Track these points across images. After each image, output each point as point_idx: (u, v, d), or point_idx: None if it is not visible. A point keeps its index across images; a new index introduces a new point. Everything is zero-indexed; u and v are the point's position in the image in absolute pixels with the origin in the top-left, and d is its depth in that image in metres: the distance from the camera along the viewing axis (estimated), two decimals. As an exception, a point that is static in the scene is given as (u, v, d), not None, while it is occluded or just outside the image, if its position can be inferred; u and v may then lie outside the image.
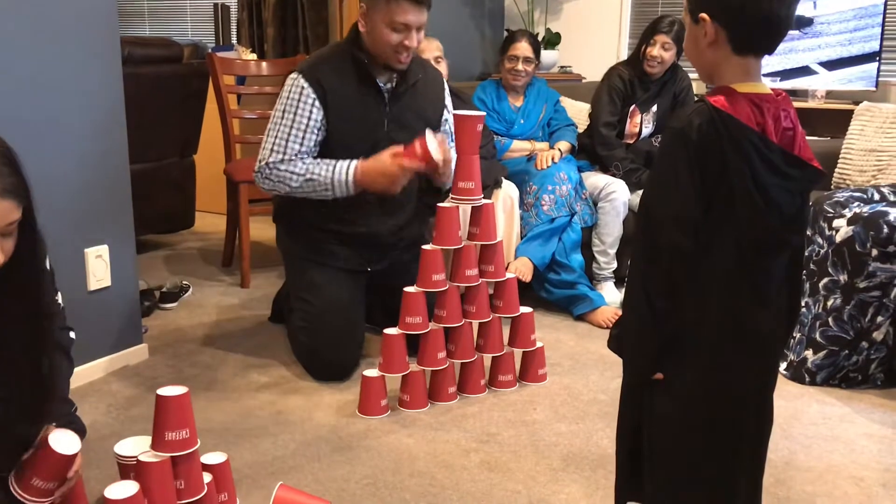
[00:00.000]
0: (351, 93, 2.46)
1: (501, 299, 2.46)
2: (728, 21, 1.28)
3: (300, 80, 2.44)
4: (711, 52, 1.31)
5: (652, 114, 3.45)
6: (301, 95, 2.43)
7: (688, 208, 1.25)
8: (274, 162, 2.44)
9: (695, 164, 1.25)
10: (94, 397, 2.35)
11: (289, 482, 1.84)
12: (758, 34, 1.30)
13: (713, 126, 1.25)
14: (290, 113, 2.44)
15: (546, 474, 1.98)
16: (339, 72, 2.46)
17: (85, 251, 2.41)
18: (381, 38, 2.39)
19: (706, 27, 1.29)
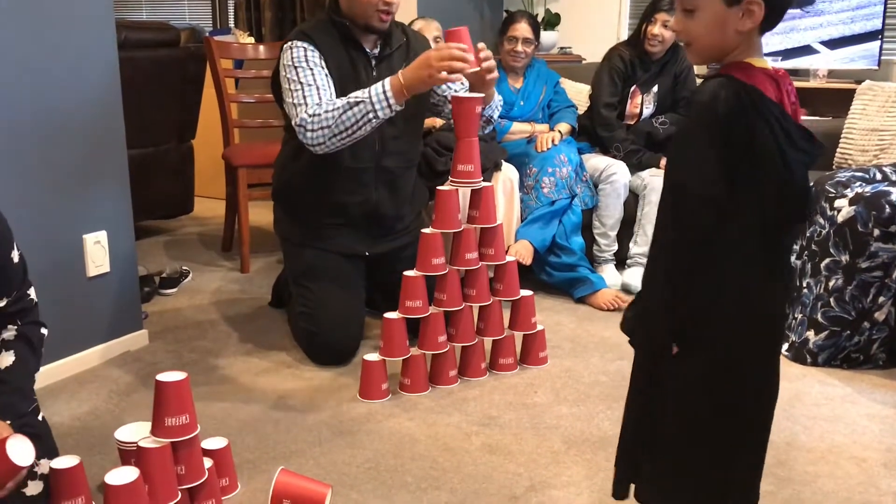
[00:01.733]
0: (339, 56, 2.46)
1: (502, 282, 2.46)
2: (774, 2, 1.28)
3: (298, 42, 2.42)
4: (741, 35, 1.29)
5: (653, 94, 3.43)
6: (306, 52, 2.41)
7: (715, 186, 1.23)
8: (313, 111, 2.32)
9: (720, 139, 1.23)
10: (94, 383, 2.35)
11: (290, 467, 1.84)
12: (783, 12, 1.31)
13: (739, 99, 1.23)
14: (303, 69, 2.39)
15: (547, 457, 1.98)
16: (325, 37, 2.45)
17: (84, 237, 2.40)
18: (361, 2, 2.39)
19: (755, 9, 1.27)
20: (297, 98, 2.36)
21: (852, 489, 1.86)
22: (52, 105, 2.26)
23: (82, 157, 2.37)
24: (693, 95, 1.31)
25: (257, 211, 3.91)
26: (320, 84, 2.38)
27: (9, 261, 1.57)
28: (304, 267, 2.56)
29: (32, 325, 1.65)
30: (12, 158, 2.18)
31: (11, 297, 1.59)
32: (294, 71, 2.39)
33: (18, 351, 1.59)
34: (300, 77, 2.38)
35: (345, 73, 2.46)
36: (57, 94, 2.28)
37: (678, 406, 1.38)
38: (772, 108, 1.26)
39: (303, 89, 2.37)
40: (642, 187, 3.25)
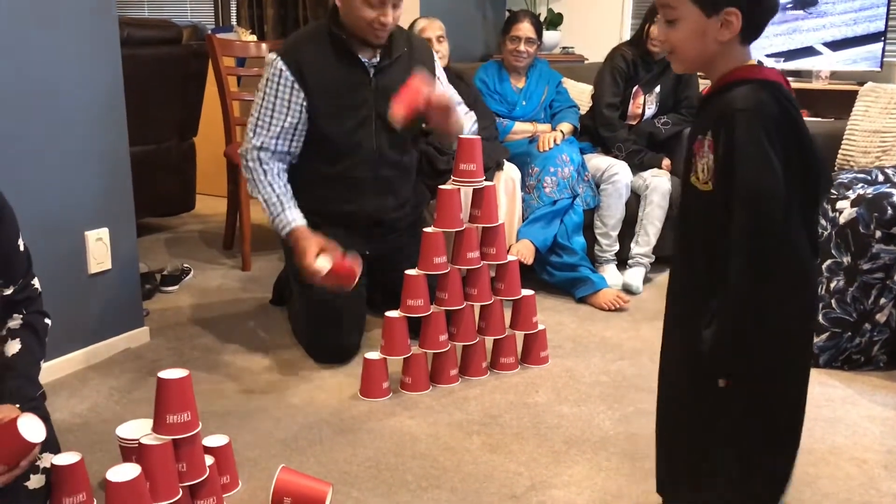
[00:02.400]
0: (332, 71, 2.45)
1: (503, 282, 2.46)
2: (753, 13, 1.30)
3: (279, 62, 2.43)
4: (722, 45, 1.32)
5: (655, 95, 3.43)
6: (280, 77, 2.43)
7: (783, 186, 1.25)
8: (256, 147, 2.45)
9: (778, 139, 1.25)
10: (95, 380, 2.35)
11: (291, 464, 1.84)
12: (766, 23, 1.34)
13: (776, 98, 1.27)
14: (270, 96, 2.44)
15: (548, 456, 1.98)
16: (318, 51, 2.45)
17: (85, 234, 2.40)
18: (356, 15, 2.38)
19: (732, 20, 1.29)
20: (251, 121, 2.48)
21: (852, 490, 1.86)
22: (54, 101, 2.27)
23: (84, 153, 2.37)
24: (730, 104, 1.28)
25: (259, 209, 3.90)
26: (274, 127, 2.45)
27: (15, 248, 1.60)
28: None
29: (37, 315, 1.67)
30: (15, 155, 2.18)
31: (18, 284, 1.62)
32: (262, 93, 2.46)
33: (25, 339, 1.61)
34: (265, 101, 2.46)
35: (339, 88, 2.47)
36: (60, 91, 2.28)
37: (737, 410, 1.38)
38: (789, 94, 1.30)
39: (258, 118, 2.46)
40: (644, 187, 3.25)
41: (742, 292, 1.29)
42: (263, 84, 2.46)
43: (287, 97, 2.43)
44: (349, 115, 2.48)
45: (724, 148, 1.29)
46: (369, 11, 2.36)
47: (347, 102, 2.47)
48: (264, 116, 2.44)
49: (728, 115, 1.28)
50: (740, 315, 1.30)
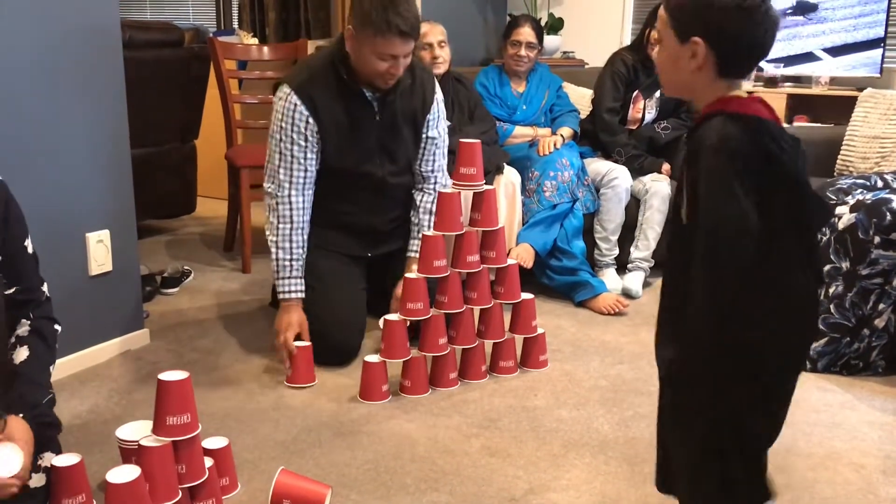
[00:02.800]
0: (339, 105, 2.47)
1: (503, 285, 2.46)
2: (721, 47, 1.28)
3: (293, 97, 2.43)
4: (695, 75, 1.31)
5: (655, 99, 3.44)
6: (295, 113, 2.43)
7: (746, 219, 1.22)
8: (286, 181, 2.46)
9: (742, 172, 1.22)
10: (95, 382, 2.35)
11: (290, 467, 1.84)
12: (746, 60, 1.31)
13: (747, 130, 1.24)
14: (287, 131, 2.44)
15: (547, 460, 1.98)
16: (326, 85, 2.46)
17: (86, 236, 2.40)
18: (367, 65, 2.40)
19: (697, 50, 1.28)
20: (273, 162, 2.48)
21: (851, 495, 1.86)
22: (56, 103, 2.27)
23: (86, 155, 2.38)
24: (698, 141, 1.29)
25: (259, 211, 3.90)
26: (297, 164, 2.46)
27: (22, 249, 1.61)
28: (307, 265, 2.57)
29: (45, 321, 1.68)
30: (16, 156, 2.19)
31: (21, 285, 1.62)
32: (279, 129, 2.46)
33: (32, 345, 1.62)
34: (281, 145, 2.46)
35: (347, 123, 2.49)
36: (62, 93, 2.28)
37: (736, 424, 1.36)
38: (772, 128, 1.26)
39: (279, 159, 2.47)
40: (644, 192, 3.26)
41: (695, 324, 1.29)
42: (279, 119, 2.45)
43: (303, 130, 2.44)
44: (356, 148, 2.52)
45: (691, 181, 1.29)
46: (381, 64, 2.38)
47: (354, 136, 2.50)
48: (283, 148, 2.45)
49: (697, 149, 1.27)
50: (692, 345, 1.31)
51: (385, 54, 2.36)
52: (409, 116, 2.59)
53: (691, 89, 1.34)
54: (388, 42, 2.33)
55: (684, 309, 1.31)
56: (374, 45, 2.34)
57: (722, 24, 1.27)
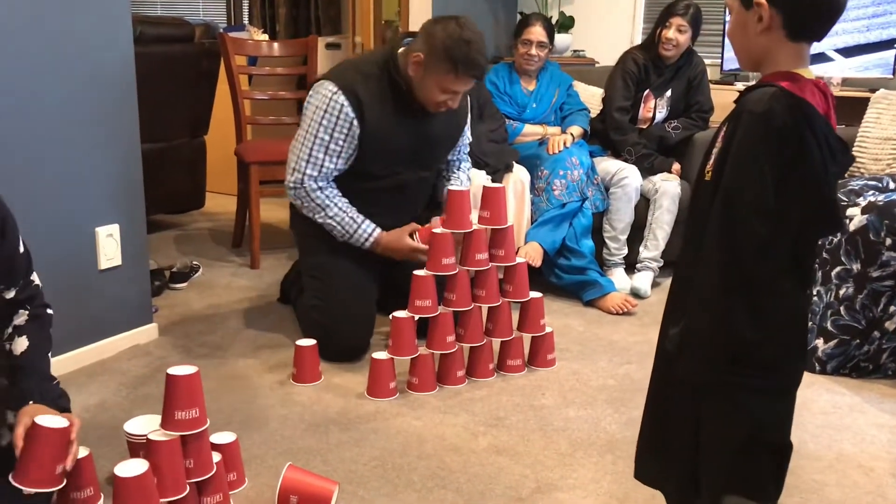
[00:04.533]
0: (385, 112, 2.46)
1: (511, 284, 2.46)
2: (785, 6, 1.26)
3: (340, 96, 2.41)
4: (765, 39, 1.29)
5: (666, 99, 3.43)
6: (340, 113, 2.41)
7: (769, 199, 1.21)
8: (312, 176, 2.45)
9: (774, 152, 1.21)
10: (104, 376, 2.36)
11: (297, 463, 1.84)
12: (814, 19, 1.28)
13: (793, 114, 1.22)
14: (327, 129, 2.42)
15: (554, 459, 1.98)
16: (375, 91, 2.44)
17: (96, 230, 2.41)
18: (428, 93, 2.41)
19: (762, 12, 1.27)
20: (303, 154, 2.46)
21: (859, 499, 1.85)
22: (68, 98, 2.28)
23: (96, 150, 2.38)
24: (744, 103, 1.28)
25: (268, 208, 3.92)
26: (329, 162, 2.45)
27: (16, 252, 1.61)
28: (318, 261, 2.58)
29: (40, 307, 1.68)
30: (28, 151, 2.20)
31: (19, 285, 1.62)
32: (317, 125, 2.43)
33: (31, 334, 1.62)
34: (317, 137, 2.43)
35: (390, 130, 2.47)
36: (73, 88, 2.29)
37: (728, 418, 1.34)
38: (821, 123, 1.24)
39: (311, 152, 2.45)
40: (653, 191, 3.25)
41: (704, 291, 1.27)
42: (319, 115, 2.42)
43: (345, 132, 2.43)
44: (391, 155, 2.51)
45: (724, 143, 1.28)
46: (441, 96, 2.40)
47: (392, 144, 2.50)
48: (318, 150, 2.44)
49: (738, 113, 1.26)
50: (699, 317, 1.28)
51: (450, 90, 2.38)
52: (449, 130, 2.63)
53: (758, 59, 1.32)
54: (460, 81, 2.37)
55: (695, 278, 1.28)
56: (443, 80, 2.36)
57: None
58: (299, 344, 2.37)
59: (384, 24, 4.90)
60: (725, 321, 1.26)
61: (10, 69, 2.12)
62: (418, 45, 2.38)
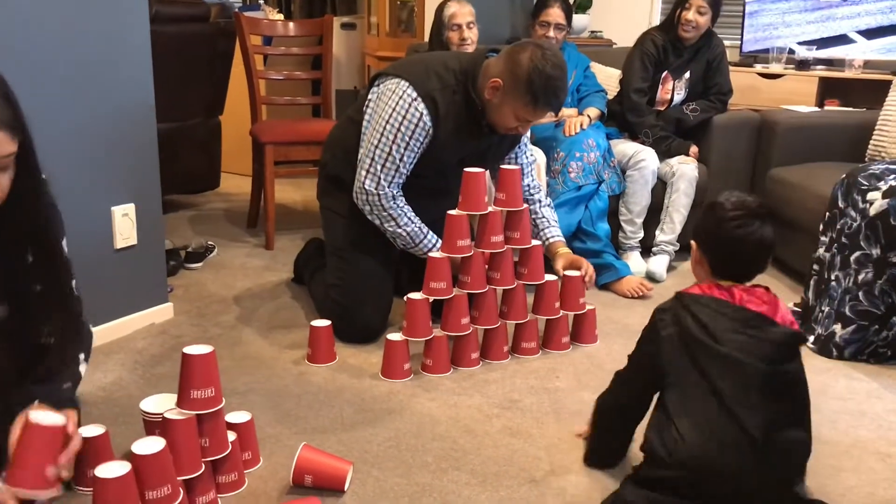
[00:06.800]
0: (455, 126, 2.42)
1: (526, 267, 2.45)
2: (706, 251, 1.70)
3: (420, 104, 2.36)
4: (696, 268, 1.75)
5: (684, 81, 3.39)
6: (420, 122, 2.37)
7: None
8: (387, 183, 2.42)
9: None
10: (119, 354, 2.37)
11: (312, 443, 1.84)
12: (730, 265, 1.67)
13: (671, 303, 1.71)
14: (405, 136, 2.38)
15: (568, 441, 1.98)
16: (450, 102, 2.40)
17: (112, 209, 2.42)
18: (501, 118, 2.38)
19: (694, 250, 1.73)
20: (378, 161, 2.41)
21: (876, 484, 1.84)
22: (83, 77, 2.28)
23: (113, 129, 2.38)
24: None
25: (283, 188, 3.92)
26: (403, 168, 2.42)
27: (60, 248, 1.59)
28: (346, 239, 2.56)
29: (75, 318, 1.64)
30: (44, 129, 2.19)
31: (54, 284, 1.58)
32: (395, 130, 2.38)
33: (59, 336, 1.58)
34: (394, 146, 2.39)
35: (455, 143, 2.45)
36: (89, 67, 2.29)
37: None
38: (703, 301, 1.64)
39: (386, 162, 2.41)
40: (670, 175, 3.22)
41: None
42: (397, 121, 2.37)
43: (421, 140, 2.40)
44: (444, 164, 2.49)
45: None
46: (514, 122, 2.38)
47: (452, 155, 2.48)
48: (396, 157, 2.40)
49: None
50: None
51: (525, 119, 2.36)
52: (503, 148, 2.62)
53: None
54: (537, 113, 2.35)
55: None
56: (520, 110, 2.33)
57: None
58: (314, 324, 2.38)
59: (399, 4, 4.87)
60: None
61: (26, 49, 2.12)
62: (499, 69, 2.33)
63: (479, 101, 2.39)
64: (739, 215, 1.62)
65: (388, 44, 4.71)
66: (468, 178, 2.34)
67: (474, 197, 2.33)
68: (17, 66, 2.09)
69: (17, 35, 2.09)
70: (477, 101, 2.39)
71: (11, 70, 2.07)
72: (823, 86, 4.05)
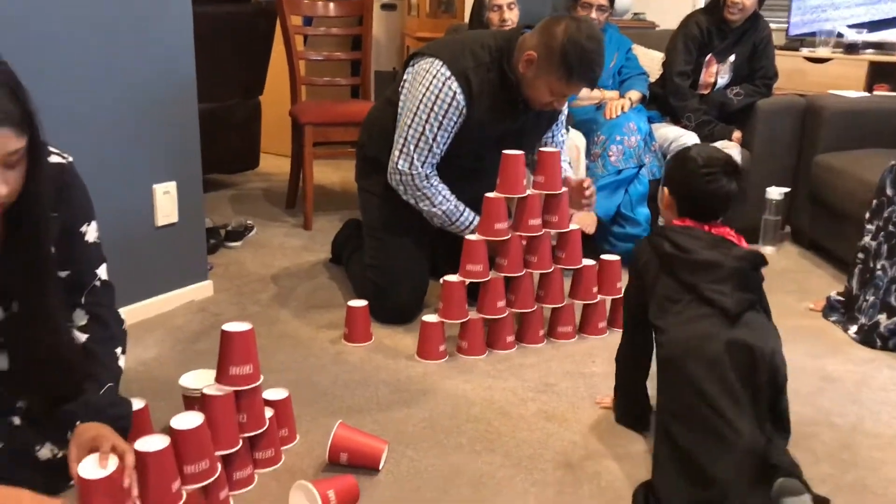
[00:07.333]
0: (490, 104, 2.40)
1: (564, 251, 2.43)
2: (677, 197, 1.86)
3: (453, 83, 2.34)
4: (667, 212, 1.90)
5: (729, 64, 3.33)
6: (453, 101, 2.35)
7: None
8: (421, 163, 2.41)
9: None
10: (160, 330, 2.41)
11: (347, 421, 1.86)
12: (699, 211, 1.83)
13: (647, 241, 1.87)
14: (438, 116, 2.36)
15: (604, 426, 1.97)
16: (485, 79, 2.38)
17: (153, 187, 2.45)
18: (536, 93, 2.35)
19: (666, 195, 1.88)
20: (411, 141, 2.40)
21: (919, 478, 1.80)
22: (127, 56, 2.30)
23: (155, 109, 2.40)
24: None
25: (321, 169, 3.93)
26: (436, 148, 2.41)
27: (78, 234, 1.55)
28: (382, 220, 2.56)
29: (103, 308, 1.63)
30: (89, 109, 2.23)
31: (72, 269, 1.56)
32: (428, 109, 2.36)
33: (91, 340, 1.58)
34: (427, 125, 2.37)
35: (490, 122, 2.42)
36: (132, 47, 2.31)
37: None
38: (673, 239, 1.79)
39: (419, 141, 2.39)
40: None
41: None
42: (430, 100, 2.36)
43: (454, 119, 2.38)
44: (478, 143, 2.47)
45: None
46: (549, 97, 2.35)
47: (488, 133, 2.45)
48: (429, 137, 2.38)
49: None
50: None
51: (560, 93, 2.33)
52: (540, 126, 2.59)
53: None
54: (571, 87, 2.32)
55: None
56: (555, 84, 2.30)
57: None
58: (351, 304, 2.39)
59: (440, -16, 4.84)
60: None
61: (70, 30, 2.14)
62: (533, 42, 2.30)
63: (514, 77, 2.36)
64: (711, 172, 1.79)
65: (428, 25, 4.69)
66: (506, 161, 2.32)
67: (512, 179, 2.32)
68: (59, 47, 2.13)
69: (60, 14, 2.11)
70: (512, 78, 2.37)
71: (54, 49, 2.11)
72: (873, 70, 3.95)
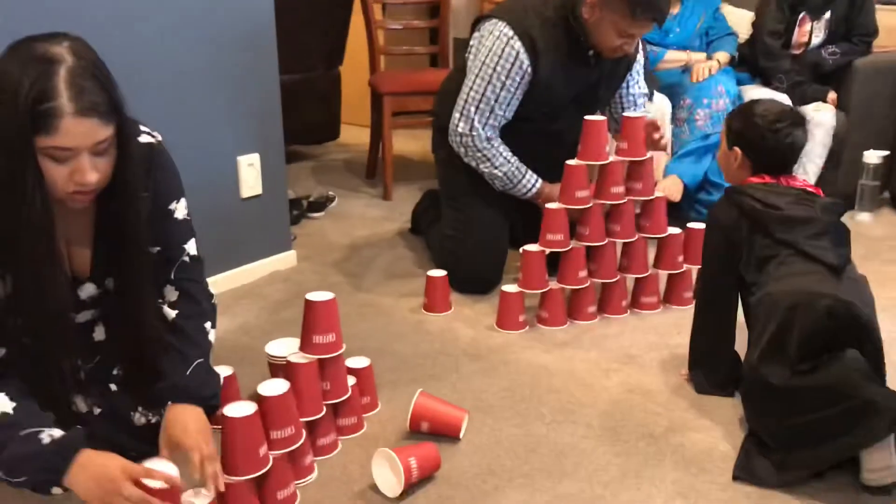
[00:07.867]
0: (558, 60, 2.35)
1: (649, 219, 2.37)
2: (752, 155, 1.89)
3: (516, 43, 2.31)
4: (739, 171, 1.92)
5: (824, 22, 3.16)
6: (516, 60, 2.32)
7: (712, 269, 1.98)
8: (482, 125, 2.39)
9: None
10: (246, 299, 2.47)
11: (428, 390, 1.87)
12: (776, 165, 1.88)
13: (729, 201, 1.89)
14: (500, 77, 2.34)
15: (688, 399, 1.92)
16: (550, 37, 2.33)
17: (238, 159, 2.49)
18: (603, 37, 2.29)
19: (737, 155, 1.91)
20: (471, 102, 2.39)
21: None
22: (210, 28, 2.33)
23: (238, 82, 2.44)
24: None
25: (401, 139, 3.93)
26: (499, 109, 2.38)
27: (167, 212, 1.55)
28: (460, 189, 2.55)
29: (192, 283, 1.61)
30: (175, 83, 2.28)
31: (161, 245, 1.56)
32: (491, 71, 2.34)
33: (180, 317, 1.58)
34: (489, 86, 2.35)
35: (553, 84, 2.38)
36: (215, 18, 2.34)
37: None
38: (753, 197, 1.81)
39: (480, 103, 2.38)
40: (806, 122, 3.02)
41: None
42: (493, 61, 2.33)
43: (518, 80, 2.35)
44: (553, 104, 2.43)
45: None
46: (617, 40, 2.29)
47: (560, 91, 2.41)
48: (490, 98, 2.37)
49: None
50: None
51: (627, 33, 2.27)
52: (616, 78, 2.53)
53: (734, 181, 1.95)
54: (637, 24, 2.26)
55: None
56: (619, 22, 2.25)
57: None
58: (430, 274, 2.39)
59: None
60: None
61: (155, 6, 2.19)
62: None
63: (581, 28, 2.31)
64: (784, 125, 1.85)
65: (507, -10, 4.60)
66: (588, 126, 2.27)
67: (595, 146, 2.27)
68: (146, 23, 2.17)
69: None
70: (578, 29, 2.31)
71: (142, 25, 2.15)
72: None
